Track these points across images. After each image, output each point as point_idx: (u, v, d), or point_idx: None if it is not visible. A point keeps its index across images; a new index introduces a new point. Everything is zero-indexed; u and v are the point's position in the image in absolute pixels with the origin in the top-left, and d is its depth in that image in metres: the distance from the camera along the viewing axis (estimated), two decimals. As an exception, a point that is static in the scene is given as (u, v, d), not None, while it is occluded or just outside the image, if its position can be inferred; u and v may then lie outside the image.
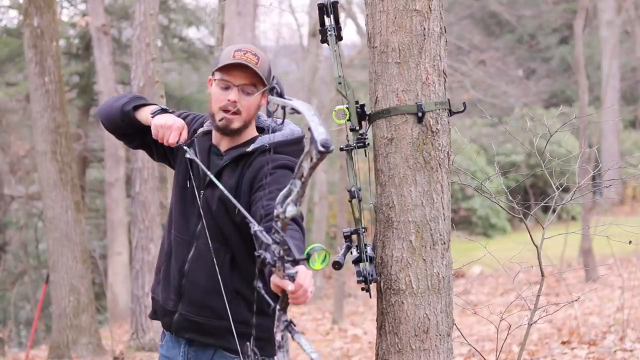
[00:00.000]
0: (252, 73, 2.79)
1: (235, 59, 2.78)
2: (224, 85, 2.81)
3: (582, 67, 11.63)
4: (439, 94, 2.90)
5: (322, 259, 2.19)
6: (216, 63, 2.88)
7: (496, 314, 4.04)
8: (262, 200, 2.67)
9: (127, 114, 2.95)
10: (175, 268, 2.88)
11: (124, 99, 3.00)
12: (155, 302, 2.99)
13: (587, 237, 10.91)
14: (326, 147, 2.02)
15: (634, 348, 6.09)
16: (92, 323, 8.78)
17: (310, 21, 14.42)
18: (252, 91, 2.81)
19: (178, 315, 2.87)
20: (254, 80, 2.81)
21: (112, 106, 3.02)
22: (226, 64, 2.78)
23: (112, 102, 3.04)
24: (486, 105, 18.34)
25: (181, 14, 17.84)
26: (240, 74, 2.79)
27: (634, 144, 22.21)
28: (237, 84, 2.80)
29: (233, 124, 2.82)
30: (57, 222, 8.54)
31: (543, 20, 24.94)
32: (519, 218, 3.98)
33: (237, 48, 2.83)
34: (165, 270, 2.94)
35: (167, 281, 2.92)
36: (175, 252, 2.89)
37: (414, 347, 2.87)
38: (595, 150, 7.42)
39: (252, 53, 2.81)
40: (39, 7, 8.43)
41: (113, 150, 13.93)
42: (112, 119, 3.02)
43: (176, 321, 2.87)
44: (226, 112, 2.80)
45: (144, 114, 2.94)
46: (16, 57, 15.61)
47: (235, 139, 2.89)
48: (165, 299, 2.91)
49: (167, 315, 2.91)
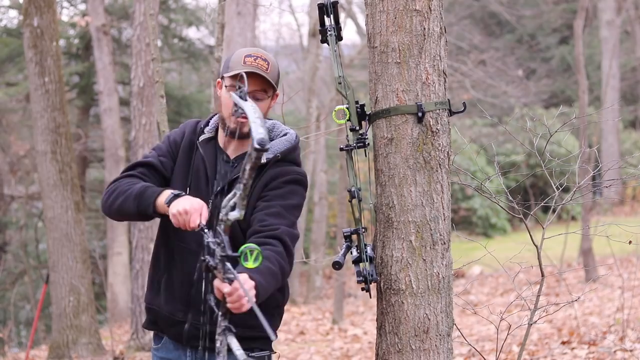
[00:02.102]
0: (263, 79, 2.81)
1: (247, 65, 2.79)
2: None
3: (582, 67, 11.62)
4: (439, 94, 2.90)
5: (254, 257, 2.36)
6: (225, 66, 2.87)
7: (496, 314, 4.04)
8: (262, 212, 2.74)
9: (146, 213, 2.79)
10: (180, 278, 2.85)
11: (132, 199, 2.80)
12: (154, 313, 2.94)
13: (587, 237, 10.91)
14: (261, 145, 2.19)
15: (634, 348, 6.09)
16: (92, 323, 8.77)
17: (310, 21, 14.40)
18: (262, 96, 2.84)
19: (188, 325, 2.84)
20: (265, 86, 2.84)
21: (122, 207, 2.83)
22: (237, 73, 2.77)
23: (122, 202, 2.83)
24: (486, 105, 18.35)
25: (181, 14, 17.84)
26: (251, 80, 2.78)
27: (634, 144, 22.21)
28: (249, 91, 2.79)
29: (245, 128, 2.83)
30: (57, 222, 8.54)
31: (543, 20, 24.94)
32: (519, 218, 3.98)
33: (248, 53, 2.83)
34: (167, 282, 2.90)
35: (170, 292, 2.88)
36: (179, 262, 2.86)
37: (414, 347, 2.87)
38: (595, 150, 7.43)
39: (263, 58, 2.83)
40: (39, 7, 8.42)
41: (113, 150, 13.93)
42: (126, 216, 2.89)
43: (187, 331, 2.85)
44: (238, 117, 2.80)
45: (159, 204, 2.76)
46: (16, 57, 15.60)
47: (243, 144, 2.89)
48: (172, 310, 2.87)
49: (175, 325, 2.88)
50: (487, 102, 18.91)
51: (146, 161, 2.90)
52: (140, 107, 9.45)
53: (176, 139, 2.95)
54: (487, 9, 24.04)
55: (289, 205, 2.80)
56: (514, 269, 4.24)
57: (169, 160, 2.92)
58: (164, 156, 2.92)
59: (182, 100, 16.64)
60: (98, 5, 14.09)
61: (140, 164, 2.90)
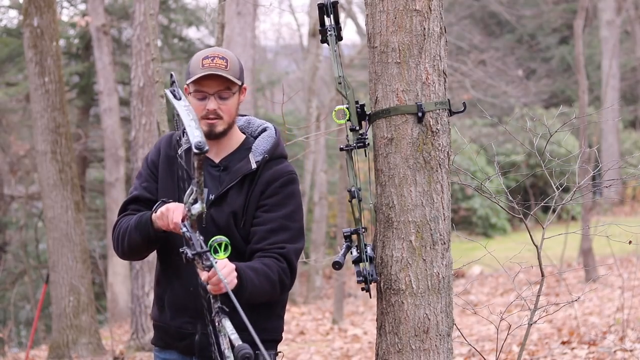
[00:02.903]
0: (224, 78, 2.83)
1: (205, 68, 2.81)
2: (201, 96, 2.84)
3: (582, 67, 11.62)
4: (439, 94, 2.90)
5: (223, 248, 2.54)
6: (187, 72, 2.90)
7: (496, 314, 4.04)
8: (264, 228, 2.81)
9: (148, 235, 2.82)
10: (185, 290, 2.85)
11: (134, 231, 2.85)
12: (163, 330, 2.94)
13: (587, 237, 10.91)
14: (200, 149, 2.27)
15: (634, 348, 6.09)
16: (92, 323, 8.77)
17: (310, 21, 14.40)
18: (227, 95, 2.85)
19: (199, 335, 2.84)
20: (228, 84, 2.85)
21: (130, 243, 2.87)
22: (198, 77, 2.81)
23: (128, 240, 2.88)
24: (486, 105, 18.35)
25: (181, 14, 17.84)
26: (212, 82, 2.82)
27: (634, 144, 22.21)
28: (212, 93, 2.83)
29: (217, 128, 2.85)
30: (57, 222, 8.54)
31: (543, 20, 24.94)
32: (519, 218, 3.98)
33: (204, 55, 2.85)
34: (170, 297, 2.90)
35: (176, 306, 2.88)
36: (182, 274, 2.85)
37: (414, 347, 2.87)
38: (595, 150, 7.43)
39: (220, 57, 2.84)
40: (39, 7, 8.42)
41: (113, 150, 13.93)
42: (137, 249, 2.91)
43: (198, 342, 2.85)
44: (208, 119, 2.83)
45: (154, 219, 2.80)
46: (16, 57, 15.61)
47: (223, 145, 2.91)
48: (180, 324, 2.88)
49: (186, 338, 2.88)
50: (487, 102, 18.92)
51: (133, 196, 2.96)
52: (140, 107, 9.45)
53: (153, 159, 2.96)
54: (487, 9, 24.04)
55: (290, 213, 2.84)
56: (514, 269, 4.24)
57: (152, 184, 2.94)
58: (147, 181, 2.95)
59: (182, 100, 16.60)
60: (98, 5, 14.09)
61: (130, 201, 2.97)
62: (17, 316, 15.98)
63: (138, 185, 2.97)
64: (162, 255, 2.95)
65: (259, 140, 2.93)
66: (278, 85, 20.43)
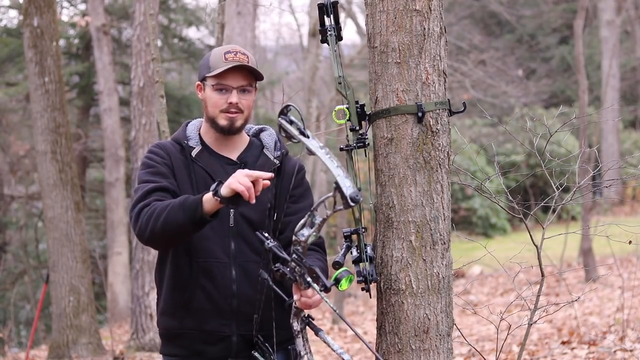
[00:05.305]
0: (248, 72, 2.85)
1: (229, 61, 2.82)
2: (222, 89, 2.84)
3: (582, 67, 11.62)
4: (439, 94, 2.90)
5: (347, 281, 2.64)
6: (205, 66, 2.88)
7: (496, 314, 4.04)
8: (295, 217, 2.85)
9: (194, 216, 2.64)
10: (217, 292, 2.82)
11: (177, 209, 2.67)
12: (188, 337, 2.84)
13: (587, 237, 10.91)
14: (355, 201, 2.32)
15: (634, 348, 6.09)
16: (92, 323, 8.78)
17: (310, 21, 14.38)
18: (250, 89, 2.88)
19: (236, 337, 2.83)
20: (250, 79, 2.87)
21: (168, 220, 2.67)
22: (223, 70, 2.81)
23: (166, 216, 2.68)
24: (486, 105, 18.34)
25: (181, 14, 17.85)
26: (236, 76, 2.83)
27: (634, 144, 22.21)
28: (235, 87, 2.84)
29: (237, 122, 2.87)
30: (57, 222, 8.54)
31: (543, 20, 24.95)
32: (519, 218, 3.98)
33: (226, 50, 2.86)
34: (202, 299, 2.82)
35: (208, 309, 2.82)
36: (215, 276, 2.82)
37: (414, 347, 2.87)
38: (595, 150, 7.41)
39: (241, 52, 2.86)
40: (39, 7, 8.43)
41: (113, 150, 13.94)
42: (173, 230, 2.69)
43: (236, 343, 2.83)
44: (229, 113, 2.84)
45: (207, 199, 2.64)
46: (16, 57, 15.61)
47: (236, 141, 2.93)
48: (217, 326, 2.82)
49: (221, 341, 2.84)
50: (487, 102, 18.91)
51: (160, 186, 2.78)
52: (140, 107, 9.45)
53: (166, 162, 2.86)
54: (487, 9, 24.04)
55: (312, 202, 2.93)
56: (514, 269, 4.23)
57: (174, 182, 2.84)
58: (168, 178, 2.83)
59: (182, 100, 16.64)
60: (98, 5, 14.10)
61: (153, 190, 2.77)
62: (17, 316, 15.98)
63: (160, 179, 2.80)
64: (185, 259, 2.85)
65: (265, 137, 3.00)
66: (278, 85, 20.42)
